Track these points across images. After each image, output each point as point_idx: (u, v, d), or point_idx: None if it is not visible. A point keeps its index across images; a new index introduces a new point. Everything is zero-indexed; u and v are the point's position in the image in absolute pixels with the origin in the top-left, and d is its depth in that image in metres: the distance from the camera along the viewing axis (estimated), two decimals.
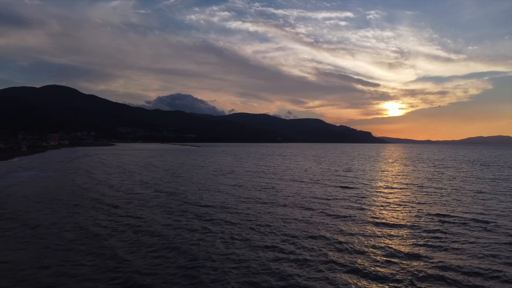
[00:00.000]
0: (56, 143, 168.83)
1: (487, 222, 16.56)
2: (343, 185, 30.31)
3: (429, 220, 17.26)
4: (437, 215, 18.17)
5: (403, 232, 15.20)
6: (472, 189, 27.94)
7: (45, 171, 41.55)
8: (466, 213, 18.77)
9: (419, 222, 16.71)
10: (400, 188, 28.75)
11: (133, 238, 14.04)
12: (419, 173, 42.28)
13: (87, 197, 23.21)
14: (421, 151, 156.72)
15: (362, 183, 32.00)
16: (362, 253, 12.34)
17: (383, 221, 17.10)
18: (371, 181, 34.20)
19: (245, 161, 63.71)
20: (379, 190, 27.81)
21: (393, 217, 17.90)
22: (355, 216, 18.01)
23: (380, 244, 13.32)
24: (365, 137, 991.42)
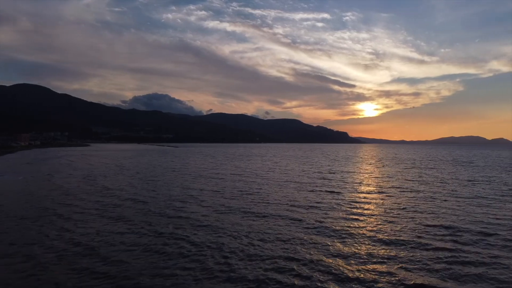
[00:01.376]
0: (27, 144, 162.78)
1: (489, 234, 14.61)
2: (331, 189, 27.76)
3: (436, 234, 15.02)
4: (442, 226, 16.02)
5: (409, 252, 12.84)
6: (469, 194, 26.13)
7: (3, 174, 38.27)
8: (473, 223, 16.74)
9: (424, 237, 14.47)
10: (393, 193, 26.36)
11: (75, 264, 11.09)
12: (407, 175, 40.39)
13: (35, 207, 19.87)
14: (399, 151, 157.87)
15: (351, 188, 29.58)
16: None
17: (383, 236, 14.65)
18: (359, 185, 31.86)
19: (224, 162, 60.75)
20: (370, 196, 25.37)
21: (394, 231, 15.50)
22: (352, 230, 15.57)
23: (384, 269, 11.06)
24: (341, 137, 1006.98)
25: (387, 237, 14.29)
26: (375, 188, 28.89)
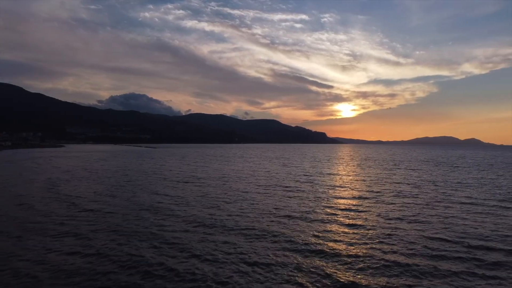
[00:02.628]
0: None
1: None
2: (322, 195, 25.92)
3: (441, 247, 13.28)
4: (445, 240, 14.28)
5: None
6: (464, 199, 24.72)
7: None
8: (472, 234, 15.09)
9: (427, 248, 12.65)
10: (385, 198, 24.61)
11: None
12: (395, 177, 38.94)
13: None
14: (378, 152, 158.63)
15: (341, 193, 27.82)
16: None
17: (382, 250, 12.72)
18: (349, 188, 29.96)
19: (203, 164, 57.79)
20: (364, 200, 23.57)
21: (398, 250, 13.60)
22: (349, 245, 13.60)
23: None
24: (320, 138, 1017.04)
25: (386, 251, 12.31)
26: (366, 193, 26.97)
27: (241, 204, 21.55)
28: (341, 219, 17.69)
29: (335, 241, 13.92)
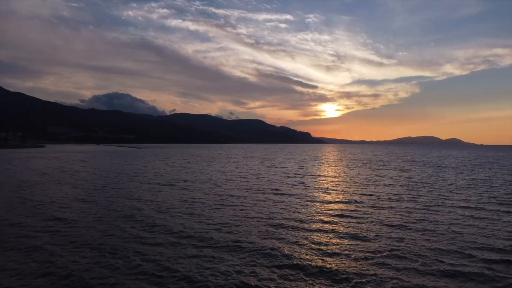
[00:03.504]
0: None
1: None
2: (315, 199, 24.36)
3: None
4: (453, 251, 12.91)
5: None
6: (463, 202, 23.46)
7: None
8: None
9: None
10: (386, 202, 23.22)
11: None
12: (388, 178, 37.50)
13: None
14: (364, 152, 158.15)
15: (336, 195, 26.29)
16: None
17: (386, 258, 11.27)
18: (343, 192, 28.50)
19: (189, 166, 55.69)
20: (360, 205, 22.07)
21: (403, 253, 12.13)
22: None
23: None
24: (305, 138, 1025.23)
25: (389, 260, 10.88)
26: (361, 197, 25.40)
27: (230, 211, 19.80)
28: (340, 228, 16.05)
29: (338, 256, 12.28)
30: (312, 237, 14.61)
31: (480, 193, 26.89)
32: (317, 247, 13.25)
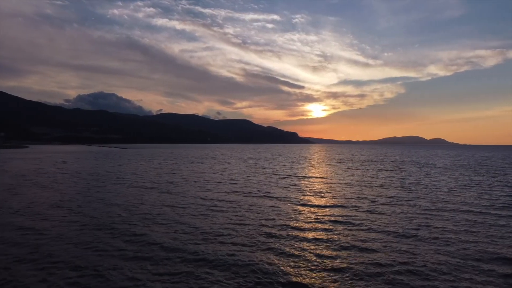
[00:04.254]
0: None
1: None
2: (311, 204, 22.79)
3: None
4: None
5: None
6: (467, 206, 22.32)
7: None
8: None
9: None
10: (385, 206, 21.86)
11: None
12: (381, 179, 36.28)
13: None
14: (351, 152, 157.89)
15: (332, 199, 24.86)
16: None
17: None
18: (338, 195, 27.07)
19: (177, 167, 53.40)
20: (359, 210, 20.66)
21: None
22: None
23: None
24: (292, 138, 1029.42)
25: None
26: (358, 200, 24.06)
27: (220, 218, 18.20)
28: (340, 237, 14.66)
29: (341, 272, 10.92)
30: (311, 248, 13.16)
31: (478, 195, 25.93)
32: (318, 260, 11.83)
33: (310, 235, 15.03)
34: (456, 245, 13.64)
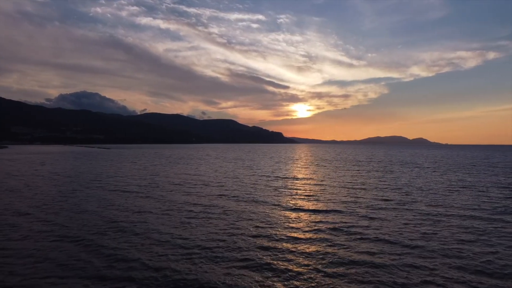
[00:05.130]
0: None
1: None
2: (307, 209, 21.26)
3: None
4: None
5: None
6: (471, 211, 21.08)
7: None
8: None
9: None
10: (385, 212, 20.51)
11: None
12: (374, 180, 35.00)
13: None
14: (338, 152, 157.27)
15: (327, 203, 23.21)
16: None
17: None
18: (334, 199, 25.49)
19: (162, 168, 51.46)
20: (358, 215, 19.22)
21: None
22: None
23: None
24: (277, 138, 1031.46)
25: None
26: (356, 204, 22.57)
27: (207, 227, 16.49)
28: (341, 250, 13.18)
29: None
30: (310, 263, 11.60)
31: (476, 198, 24.75)
32: (319, 277, 10.44)
33: (310, 248, 13.42)
34: (472, 258, 12.28)
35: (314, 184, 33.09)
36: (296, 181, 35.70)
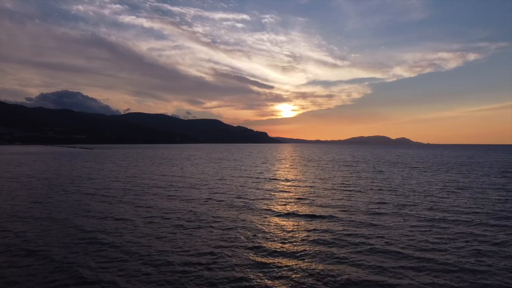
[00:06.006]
0: None
1: None
2: (297, 213, 19.71)
3: None
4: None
5: None
6: (472, 215, 19.76)
7: None
8: None
9: None
10: (387, 218, 19.03)
11: None
12: (366, 181, 33.66)
13: None
14: (323, 151, 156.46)
15: (321, 208, 21.59)
16: None
17: None
18: (329, 204, 23.92)
19: (146, 169, 49.47)
20: (350, 220, 17.67)
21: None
22: None
23: None
24: (262, 137, 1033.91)
25: None
26: (354, 208, 21.02)
27: (198, 238, 14.66)
28: (349, 268, 11.66)
29: None
30: (310, 281, 10.08)
31: (476, 201, 23.48)
32: None
33: (312, 265, 11.78)
34: (491, 274, 10.93)
35: (305, 186, 31.45)
36: (287, 183, 34.10)
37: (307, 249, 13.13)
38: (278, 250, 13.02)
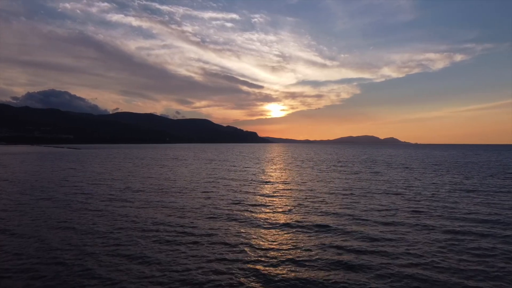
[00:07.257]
0: None
1: None
2: (295, 218, 17.75)
3: None
4: None
5: None
6: (479, 224, 17.94)
7: None
8: None
9: None
10: (387, 229, 17.15)
11: None
12: (365, 183, 31.92)
13: None
14: (314, 151, 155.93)
15: (320, 215, 19.52)
16: None
17: None
18: (327, 209, 21.87)
19: (135, 170, 47.53)
20: (356, 230, 15.65)
21: None
22: None
23: None
24: (251, 137, 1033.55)
25: None
26: (356, 212, 19.02)
27: (192, 258, 12.46)
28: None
29: None
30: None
31: (492, 206, 21.87)
32: None
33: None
34: None
35: (305, 190, 29.31)
36: (283, 186, 31.97)
37: (320, 276, 11.01)
38: (286, 273, 10.91)
